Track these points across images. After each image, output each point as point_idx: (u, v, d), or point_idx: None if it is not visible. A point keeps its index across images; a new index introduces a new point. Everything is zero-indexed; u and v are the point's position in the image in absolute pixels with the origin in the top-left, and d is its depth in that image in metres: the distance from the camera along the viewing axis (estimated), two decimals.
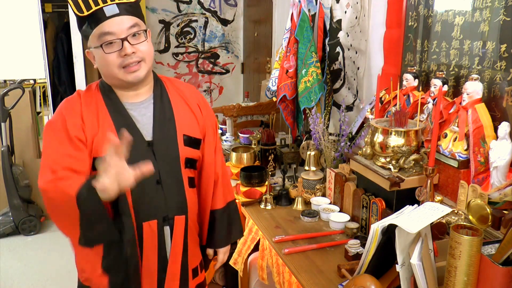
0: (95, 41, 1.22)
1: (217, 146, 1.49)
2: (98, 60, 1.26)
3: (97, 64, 1.27)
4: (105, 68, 1.25)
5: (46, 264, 3.20)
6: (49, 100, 4.02)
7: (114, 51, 1.22)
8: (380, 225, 1.13)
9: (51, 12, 4.14)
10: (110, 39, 1.21)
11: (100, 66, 1.27)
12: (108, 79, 1.30)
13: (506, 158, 1.33)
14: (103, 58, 1.23)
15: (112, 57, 1.22)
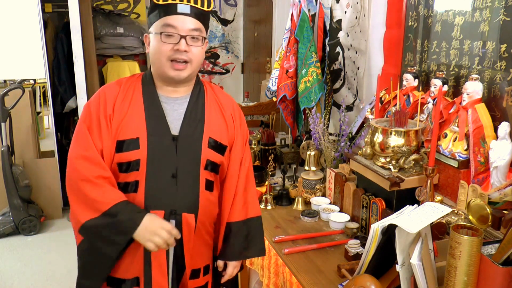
0: (157, 27, 1.30)
1: (244, 159, 1.48)
2: (152, 46, 1.32)
3: (150, 49, 1.34)
4: (156, 55, 1.32)
5: (46, 264, 3.20)
6: (49, 100, 4.02)
7: (170, 42, 1.29)
8: (380, 225, 1.13)
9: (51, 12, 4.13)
10: (171, 31, 1.29)
11: (152, 52, 1.33)
12: (154, 66, 1.36)
13: (506, 158, 1.33)
14: (157, 45, 1.30)
15: (166, 47, 1.29)
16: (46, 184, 3.82)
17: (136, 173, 1.31)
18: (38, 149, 4.02)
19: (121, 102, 1.33)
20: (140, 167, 1.31)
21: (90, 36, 3.92)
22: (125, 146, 1.30)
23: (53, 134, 3.98)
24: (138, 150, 1.31)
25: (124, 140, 1.30)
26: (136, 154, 1.31)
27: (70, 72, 3.93)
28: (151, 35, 1.33)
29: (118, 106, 1.32)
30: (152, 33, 1.32)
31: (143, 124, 1.32)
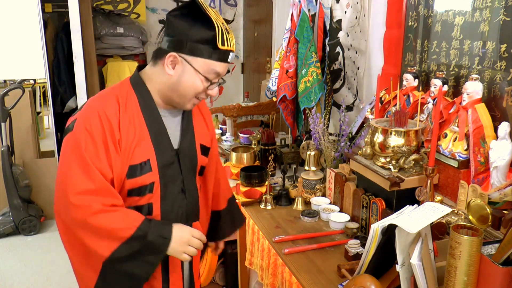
0: (204, 69, 1.22)
1: (217, 151, 1.56)
2: (186, 77, 1.22)
3: (178, 76, 1.22)
4: (186, 89, 1.24)
5: (46, 264, 3.20)
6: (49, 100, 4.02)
7: (206, 83, 1.25)
8: (380, 225, 1.13)
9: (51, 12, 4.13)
10: (215, 79, 1.25)
11: (182, 82, 1.23)
12: (174, 94, 1.26)
13: (506, 158, 1.33)
14: (193, 81, 1.23)
15: (200, 87, 1.24)
16: (46, 184, 3.82)
17: (150, 196, 1.26)
18: (38, 149, 4.02)
19: (126, 121, 1.21)
20: (154, 189, 1.26)
21: (90, 36, 3.92)
22: (138, 171, 1.22)
23: (53, 134, 3.98)
24: (151, 173, 1.25)
25: (136, 164, 1.21)
26: (150, 177, 1.25)
27: (70, 72, 3.93)
28: (189, 66, 1.21)
29: (124, 127, 1.20)
30: (192, 66, 1.21)
31: (150, 144, 1.25)
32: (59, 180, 1.18)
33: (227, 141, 2.77)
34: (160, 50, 1.24)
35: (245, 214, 1.90)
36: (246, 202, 1.94)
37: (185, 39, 1.19)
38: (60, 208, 1.19)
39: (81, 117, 1.19)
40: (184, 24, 1.19)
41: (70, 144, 1.17)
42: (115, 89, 1.26)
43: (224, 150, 2.69)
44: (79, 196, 1.14)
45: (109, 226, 1.16)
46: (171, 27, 1.22)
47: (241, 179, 2.00)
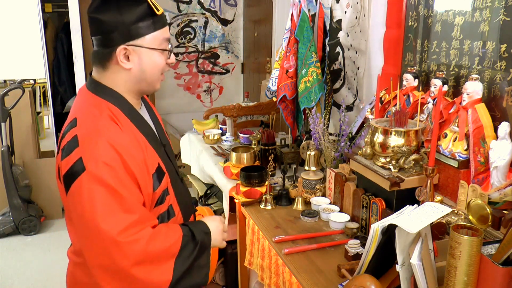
0: (156, 42, 1.16)
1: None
2: (145, 61, 1.17)
3: (138, 65, 1.17)
4: (151, 71, 1.19)
5: (46, 264, 3.20)
6: (49, 100, 4.02)
7: (164, 55, 1.20)
8: (380, 225, 1.13)
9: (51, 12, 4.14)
10: (167, 46, 1.20)
11: (145, 68, 1.17)
12: (142, 83, 1.21)
13: (506, 158, 1.33)
14: (154, 61, 1.18)
15: (163, 62, 1.20)
16: (46, 184, 3.82)
17: (168, 198, 1.26)
18: (38, 149, 4.02)
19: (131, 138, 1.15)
20: (169, 189, 1.26)
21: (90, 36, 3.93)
22: (158, 178, 1.20)
23: (53, 134, 3.99)
24: (166, 175, 1.24)
25: (154, 173, 1.19)
26: (166, 180, 1.24)
27: (70, 72, 3.94)
28: (142, 49, 1.14)
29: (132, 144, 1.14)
30: (143, 47, 1.15)
31: (151, 148, 1.21)
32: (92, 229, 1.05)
33: (227, 141, 2.77)
34: (100, 52, 1.16)
35: (245, 214, 1.90)
36: (246, 202, 1.94)
37: (123, 27, 1.11)
38: (106, 257, 1.06)
39: (88, 154, 1.07)
40: (111, 13, 1.11)
41: (91, 186, 1.05)
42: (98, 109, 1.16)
43: (224, 150, 2.69)
44: (126, 232, 1.05)
45: (163, 246, 1.12)
46: (98, 24, 1.13)
47: (241, 179, 2.00)
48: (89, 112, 1.15)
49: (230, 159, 2.28)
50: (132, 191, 1.09)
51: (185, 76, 4.71)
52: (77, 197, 1.06)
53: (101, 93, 1.18)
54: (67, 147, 1.09)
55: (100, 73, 1.19)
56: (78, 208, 1.07)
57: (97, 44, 1.16)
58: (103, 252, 1.06)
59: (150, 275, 1.09)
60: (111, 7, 1.11)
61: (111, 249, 1.04)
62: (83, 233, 1.09)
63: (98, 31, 1.15)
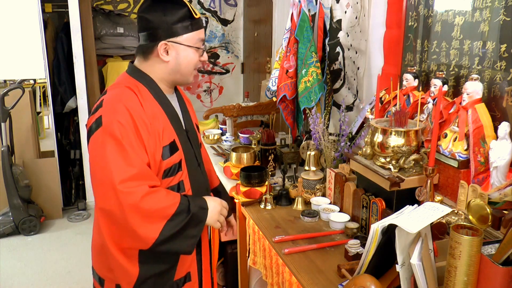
0: (192, 41, 1.36)
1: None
2: (182, 56, 1.36)
3: (175, 59, 1.36)
4: (186, 65, 1.38)
5: (46, 264, 3.20)
6: (49, 100, 4.02)
7: (198, 53, 1.40)
8: (380, 225, 1.13)
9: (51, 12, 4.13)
10: (202, 45, 1.40)
11: (181, 61, 1.37)
12: (177, 74, 1.40)
13: (506, 158, 1.33)
14: (189, 56, 1.37)
15: (196, 58, 1.40)
16: (46, 184, 3.82)
17: (180, 174, 1.39)
18: (38, 149, 4.02)
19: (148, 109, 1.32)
20: (183, 166, 1.40)
21: (90, 36, 3.93)
22: (169, 151, 1.34)
23: (53, 134, 3.98)
24: (179, 151, 1.38)
25: (166, 145, 1.34)
26: (178, 155, 1.38)
27: (70, 72, 3.94)
28: (180, 46, 1.35)
29: (149, 113, 1.31)
30: (181, 44, 1.35)
31: (171, 126, 1.38)
32: (99, 174, 1.23)
33: (227, 141, 2.77)
34: (144, 46, 1.36)
35: (245, 214, 1.90)
36: (246, 202, 1.94)
37: (165, 26, 1.32)
38: (106, 200, 1.22)
39: (107, 113, 1.26)
40: (157, 14, 1.32)
41: (104, 138, 1.23)
42: (123, 84, 1.35)
43: (224, 150, 2.69)
44: (125, 183, 1.20)
45: (156, 206, 1.23)
46: (145, 22, 1.34)
47: (241, 179, 2.00)
48: (117, 85, 1.36)
49: (230, 159, 2.28)
50: (136, 149, 1.24)
51: None
52: (93, 146, 1.26)
53: (136, 76, 1.38)
54: (94, 108, 1.31)
55: (142, 62, 1.39)
56: (92, 155, 1.26)
57: (143, 39, 1.36)
58: (104, 196, 1.22)
59: (139, 227, 1.22)
60: (157, 9, 1.32)
61: (110, 194, 1.20)
62: (94, 178, 1.26)
63: (145, 28, 1.35)
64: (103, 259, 1.36)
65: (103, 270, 1.38)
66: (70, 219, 3.92)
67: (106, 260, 1.34)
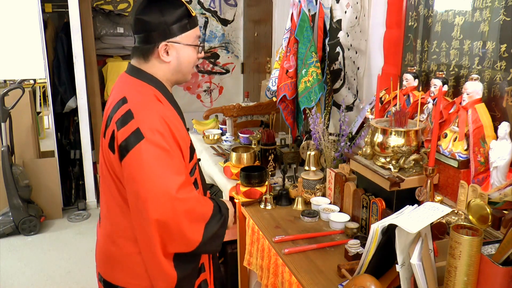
0: (190, 39, 1.36)
1: None
2: (182, 55, 1.36)
3: (176, 59, 1.35)
4: (187, 64, 1.39)
5: (46, 264, 3.20)
6: (49, 100, 4.02)
7: (197, 52, 1.40)
8: (380, 225, 1.13)
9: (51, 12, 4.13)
10: (199, 42, 1.40)
11: (181, 61, 1.37)
12: (178, 74, 1.40)
13: (506, 158, 1.33)
14: (189, 55, 1.37)
15: (195, 56, 1.40)
16: (46, 184, 3.82)
17: (196, 172, 1.44)
18: (38, 149, 4.02)
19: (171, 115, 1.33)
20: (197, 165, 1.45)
21: (90, 36, 3.93)
22: (191, 152, 1.38)
23: (53, 134, 3.98)
24: (195, 151, 1.44)
25: (189, 147, 1.37)
26: (195, 155, 1.43)
27: (70, 72, 3.94)
28: (179, 45, 1.34)
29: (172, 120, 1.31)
30: (181, 43, 1.34)
31: (184, 127, 1.39)
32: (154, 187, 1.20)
33: (227, 141, 2.77)
34: (143, 47, 1.34)
35: (245, 214, 1.90)
36: (246, 202, 1.94)
37: (164, 26, 1.30)
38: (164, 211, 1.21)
39: (146, 124, 1.23)
40: (155, 15, 1.30)
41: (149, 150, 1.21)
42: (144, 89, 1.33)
43: (224, 150, 2.69)
44: (181, 190, 1.22)
45: (201, 210, 1.31)
46: (143, 24, 1.31)
47: (241, 179, 2.00)
48: (137, 91, 1.32)
49: (230, 159, 2.28)
50: (179, 156, 1.28)
51: None
52: (136, 161, 1.21)
53: (143, 78, 1.35)
54: (122, 119, 1.25)
55: (142, 64, 1.37)
56: (136, 171, 1.22)
57: (139, 41, 1.34)
58: (161, 207, 1.20)
59: (189, 232, 1.26)
60: (155, 10, 1.30)
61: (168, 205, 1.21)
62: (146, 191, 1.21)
63: (142, 30, 1.32)
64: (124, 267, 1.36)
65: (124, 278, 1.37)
66: (70, 219, 3.92)
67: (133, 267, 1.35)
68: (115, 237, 1.37)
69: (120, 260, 1.36)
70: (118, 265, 1.37)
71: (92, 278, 1.48)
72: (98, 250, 1.45)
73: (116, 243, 1.37)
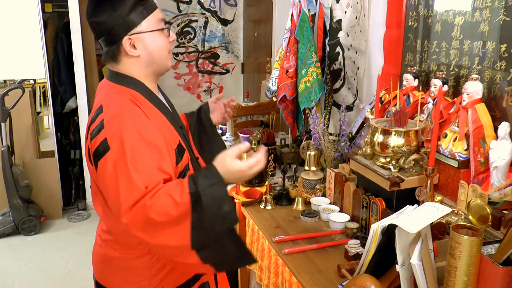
0: (151, 25, 1.26)
1: None
2: (150, 44, 1.26)
3: (144, 49, 1.26)
4: (158, 52, 1.29)
5: (46, 264, 3.20)
6: (49, 100, 4.02)
7: (165, 36, 1.30)
8: (380, 225, 1.13)
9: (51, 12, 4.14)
10: (164, 25, 1.30)
11: (154, 50, 1.28)
12: (154, 65, 1.30)
13: (506, 158, 1.33)
14: (157, 42, 1.28)
15: (165, 41, 1.30)
16: (46, 184, 3.82)
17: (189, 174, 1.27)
18: (38, 149, 4.02)
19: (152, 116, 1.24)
20: (189, 166, 1.35)
21: (90, 36, 3.92)
22: (179, 154, 1.28)
23: (53, 134, 3.98)
24: (186, 152, 1.33)
25: (175, 149, 1.27)
26: (186, 156, 1.32)
27: (70, 72, 3.94)
28: (143, 35, 1.25)
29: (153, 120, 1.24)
30: (144, 32, 1.25)
31: (172, 128, 1.31)
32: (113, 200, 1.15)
33: (227, 141, 2.77)
34: (109, 50, 1.26)
35: (245, 214, 1.90)
36: (246, 202, 1.94)
37: (120, 21, 1.22)
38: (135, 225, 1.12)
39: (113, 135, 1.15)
40: (108, 13, 1.22)
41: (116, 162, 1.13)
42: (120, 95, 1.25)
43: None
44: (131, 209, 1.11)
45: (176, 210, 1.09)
46: (99, 26, 1.24)
47: None
48: (112, 99, 1.25)
49: None
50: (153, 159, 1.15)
51: (185, 76, 4.72)
52: (103, 172, 1.16)
53: (121, 81, 1.28)
54: (95, 131, 1.19)
55: (114, 66, 1.30)
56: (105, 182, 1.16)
57: (105, 45, 1.27)
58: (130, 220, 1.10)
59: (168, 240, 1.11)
60: (105, 8, 1.22)
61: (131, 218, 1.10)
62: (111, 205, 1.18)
63: (100, 32, 1.25)
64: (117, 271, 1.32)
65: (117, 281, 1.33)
66: (70, 219, 3.92)
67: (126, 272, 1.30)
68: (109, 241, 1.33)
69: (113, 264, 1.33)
70: (110, 268, 1.34)
71: (92, 278, 1.47)
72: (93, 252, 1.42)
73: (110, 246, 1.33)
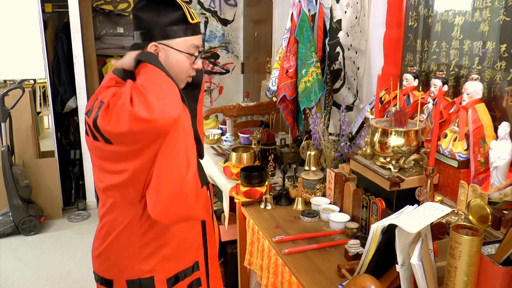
0: (185, 46, 1.30)
1: None
2: (172, 60, 1.30)
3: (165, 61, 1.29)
4: (176, 70, 1.31)
5: (46, 264, 3.20)
6: (49, 100, 4.02)
7: (190, 59, 1.34)
8: (380, 225, 1.13)
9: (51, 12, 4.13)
10: (196, 52, 1.34)
11: (170, 66, 1.29)
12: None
13: (506, 158, 1.33)
14: (179, 61, 1.31)
15: (187, 65, 1.33)
16: (46, 184, 3.82)
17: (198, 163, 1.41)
18: (38, 149, 4.02)
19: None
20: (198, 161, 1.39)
21: (90, 36, 3.93)
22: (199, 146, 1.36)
23: (53, 134, 3.98)
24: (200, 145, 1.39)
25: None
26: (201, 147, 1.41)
27: (70, 72, 3.93)
28: (170, 49, 1.29)
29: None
30: (173, 48, 1.29)
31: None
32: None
33: (227, 141, 2.77)
34: (137, 44, 1.30)
35: (245, 214, 1.90)
36: (246, 202, 1.94)
37: (158, 27, 1.27)
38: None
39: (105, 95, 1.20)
40: (151, 14, 1.27)
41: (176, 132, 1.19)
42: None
43: (224, 150, 2.69)
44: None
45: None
46: (139, 21, 1.29)
47: (241, 179, 2.00)
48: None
49: (230, 159, 2.28)
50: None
51: None
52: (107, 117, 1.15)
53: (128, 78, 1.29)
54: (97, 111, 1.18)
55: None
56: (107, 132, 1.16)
57: (137, 38, 1.32)
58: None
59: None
60: (152, 9, 1.28)
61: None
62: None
63: (139, 26, 1.31)
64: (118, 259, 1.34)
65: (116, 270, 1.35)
66: (70, 219, 3.92)
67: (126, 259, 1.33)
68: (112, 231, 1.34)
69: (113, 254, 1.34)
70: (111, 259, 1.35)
71: (92, 278, 1.47)
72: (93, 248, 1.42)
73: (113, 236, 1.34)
